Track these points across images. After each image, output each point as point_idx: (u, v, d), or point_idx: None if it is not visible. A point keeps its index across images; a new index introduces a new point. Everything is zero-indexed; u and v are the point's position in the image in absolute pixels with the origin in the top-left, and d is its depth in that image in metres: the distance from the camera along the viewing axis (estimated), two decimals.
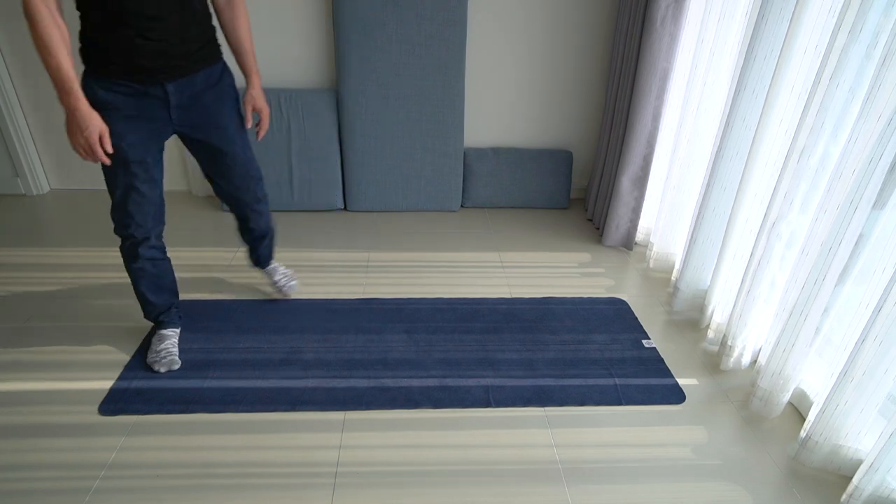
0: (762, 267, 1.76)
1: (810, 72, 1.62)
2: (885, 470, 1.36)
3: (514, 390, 1.82)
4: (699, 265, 2.16)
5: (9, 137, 2.89)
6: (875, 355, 1.36)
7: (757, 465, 1.60)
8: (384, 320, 2.14)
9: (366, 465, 1.56)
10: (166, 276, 1.85)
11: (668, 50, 2.29)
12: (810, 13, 1.56)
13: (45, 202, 3.00)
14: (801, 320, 1.59)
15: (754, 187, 1.84)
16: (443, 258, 2.60)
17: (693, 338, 2.13)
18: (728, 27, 1.98)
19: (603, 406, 1.78)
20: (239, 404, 1.73)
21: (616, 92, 2.65)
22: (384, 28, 2.67)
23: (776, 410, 1.73)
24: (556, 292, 2.36)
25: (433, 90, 2.81)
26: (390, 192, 3.00)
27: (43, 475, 1.50)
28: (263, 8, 2.71)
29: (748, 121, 1.85)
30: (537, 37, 2.86)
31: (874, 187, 1.36)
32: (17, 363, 1.88)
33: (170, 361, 1.86)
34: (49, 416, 1.68)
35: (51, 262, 2.44)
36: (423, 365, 1.92)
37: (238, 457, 1.57)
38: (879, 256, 1.43)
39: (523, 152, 3.05)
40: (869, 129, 1.38)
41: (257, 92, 1.78)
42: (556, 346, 2.03)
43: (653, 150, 2.50)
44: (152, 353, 1.87)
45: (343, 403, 1.75)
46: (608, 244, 2.76)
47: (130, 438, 1.62)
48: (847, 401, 1.45)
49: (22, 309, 2.14)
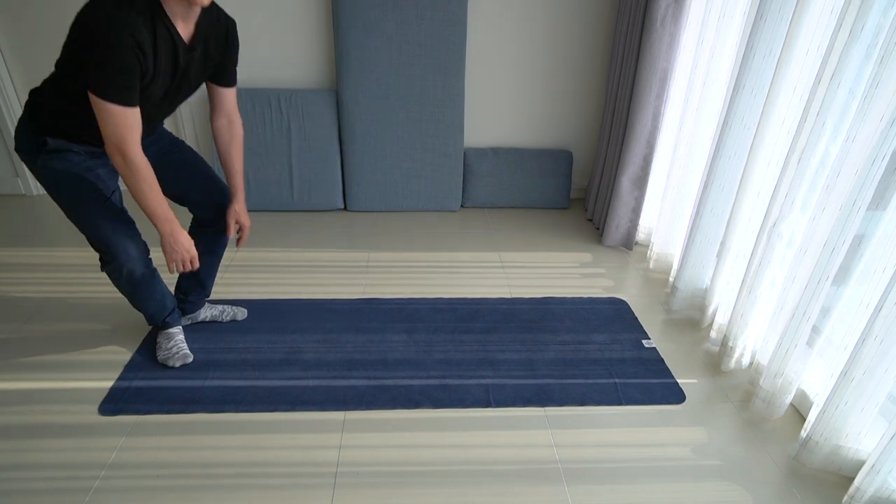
0: (763, 267, 1.76)
1: (810, 72, 1.62)
2: (887, 471, 1.36)
3: (514, 390, 1.82)
4: (697, 265, 2.16)
5: (9, 137, 2.89)
6: (875, 355, 1.36)
7: (757, 465, 1.60)
8: (384, 320, 2.14)
9: (366, 465, 1.56)
10: (160, 283, 1.86)
11: (668, 50, 2.29)
12: (810, 13, 1.56)
13: (45, 202, 2.99)
14: (801, 320, 1.59)
15: (754, 187, 1.84)
16: (443, 258, 2.60)
17: (693, 338, 2.13)
18: (728, 27, 1.98)
19: (603, 406, 1.78)
20: (239, 404, 1.73)
21: (616, 92, 2.65)
22: (384, 28, 2.67)
23: (778, 412, 1.73)
24: (556, 292, 2.36)
25: (433, 90, 2.81)
26: (390, 192, 3.00)
27: (43, 475, 1.50)
28: (264, 8, 2.71)
29: (747, 120, 1.85)
30: (537, 37, 2.86)
31: (874, 187, 1.36)
32: (17, 363, 1.88)
33: (183, 356, 1.88)
34: (49, 416, 1.68)
35: (51, 262, 2.44)
36: (423, 365, 1.92)
37: (238, 457, 1.57)
38: (879, 256, 1.43)
39: (523, 152, 3.05)
40: (869, 129, 1.38)
41: (241, 207, 1.84)
42: (556, 346, 2.03)
43: (653, 150, 2.50)
44: (164, 351, 1.88)
45: (343, 403, 1.75)
46: (608, 244, 2.76)
47: (130, 438, 1.62)
48: (847, 401, 1.45)
49: (22, 309, 2.14)
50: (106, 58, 1.35)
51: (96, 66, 1.36)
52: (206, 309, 2.08)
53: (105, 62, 1.36)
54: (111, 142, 1.44)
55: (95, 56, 1.35)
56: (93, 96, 1.39)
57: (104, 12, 1.35)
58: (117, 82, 1.38)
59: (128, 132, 1.44)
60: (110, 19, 1.34)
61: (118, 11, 1.35)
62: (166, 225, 1.58)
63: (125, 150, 1.45)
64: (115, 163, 1.47)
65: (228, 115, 1.78)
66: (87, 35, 1.36)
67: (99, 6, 1.36)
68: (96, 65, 1.36)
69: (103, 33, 1.34)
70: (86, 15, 1.36)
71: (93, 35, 1.35)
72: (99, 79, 1.37)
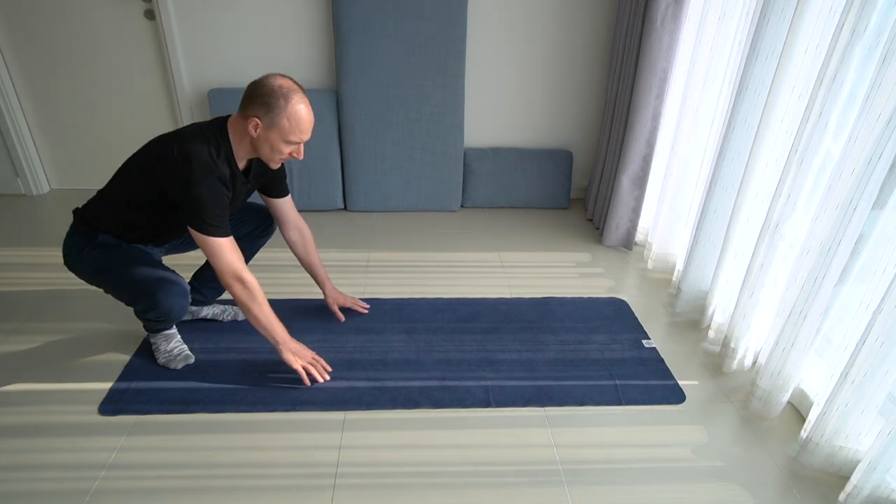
0: (765, 269, 1.75)
1: (812, 71, 1.62)
2: (884, 469, 1.36)
3: (514, 390, 1.82)
4: (701, 266, 2.16)
5: (9, 137, 2.89)
6: (875, 356, 1.36)
7: (757, 465, 1.60)
8: (384, 320, 2.14)
9: (366, 466, 1.56)
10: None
11: (668, 50, 2.29)
12: (811, 13, 1.56)
13: (45, 202, 3.00)
14: (801, 320, 1.59)
15: (755, 187, 1.84)
16: (443, 258, 2.60)
17: (693, 338, 2.13)
18: (728, 27, 1.98)
19: (603, 406, 1.78)
20: (239, 404, 1.73)
21: (616, 92, 2.65)
22: (384, 28, 2.67)
23: (775, 410, 1.73)
24: (556, 292, 2.36)
25: (433, 90, 2.80)
26: (390, 192, 3.00)
27: (43, 475, 1.50)
28: (264, 8, 2.71)
29: (750, 121, 1.84)
30: (537, 37, 2.86)
31: (874, 187, 1.35)
32: (17, 363, 1.88)
33: (185, 357, 1.88)
34: (49, 416, 1.68)
35: (51, 262, 2.44)
36: (423, 365, 1.92)
37: (238, 457, 1.57)
38: (879, 256, 1.43)
39: (523, 152, 3.05)
40: (869, 129, 1.38)
41: (335, 292, 2.12)
42: (556, 346, 2.03)
43: (653, 150, 2.50)
44: (164, 354, 1.87)
45: (343, 403, 1.75)
46: (608, 244, 2.76)
47: (130, 438, 1.62)
48: (847, 402, 1.45)
49: (22, 309, 2.14)
50: (208, 203, 1.54)
51: (200, 210, 1.54)
52: (209, 306, 2.09)
53: (207, 207, 1.54)
54: (227, 272, 1.60)
55: (197, 202, 1.53)
56: (200, 235, 1.56)
57: (198, 164, 1.52)
58: (219, 220, 1.57)
59: (237, 258, 1.62)
60: (206, 170, 1.53)
61: (211, 162, 1.55)
62: (286, 342, 1.76)
63: (241, 275, 1.61)
64: (234, 293, 1.62)
65: (296, 226, 1.96)
66: (185, 184, 1.52)
67: (192, 158, 1.52)
68: (199, 209, 1.54)
69: (201, 185, 1.53)
70: (180, 167, 1.52)
71: (190, 185, 1.52)
72: (204, 221, 1.55)
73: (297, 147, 1.62)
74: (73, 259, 1.72)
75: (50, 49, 2.77)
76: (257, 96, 1.53)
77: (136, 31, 2.76)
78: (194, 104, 2.91)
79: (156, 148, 1.59)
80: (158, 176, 1.57)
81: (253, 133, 1.57)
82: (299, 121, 1.56)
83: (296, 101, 1.55)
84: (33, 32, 2.73)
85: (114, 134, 2.99)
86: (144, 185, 1.61)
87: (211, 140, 1.57)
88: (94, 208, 1.70)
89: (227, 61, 2.82)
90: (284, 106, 1.53)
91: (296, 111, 1.54)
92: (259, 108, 1.54)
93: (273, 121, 1.54)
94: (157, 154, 1.58)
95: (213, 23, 2.73)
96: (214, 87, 2.85)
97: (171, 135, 1.60)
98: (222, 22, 2.73)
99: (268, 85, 1.53)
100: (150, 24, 2.75)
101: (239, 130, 1.60)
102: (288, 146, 1.60)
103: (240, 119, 1.59)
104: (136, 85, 2.88)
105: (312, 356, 1.83)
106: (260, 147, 1.60)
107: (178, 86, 2.84)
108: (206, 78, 2.85)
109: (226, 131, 1.61)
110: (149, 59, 2.82)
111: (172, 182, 1.54)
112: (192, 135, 1.57)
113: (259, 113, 1.54)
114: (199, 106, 2.92)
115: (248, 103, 1.56)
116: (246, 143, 1.62)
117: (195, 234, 1.56)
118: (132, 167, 1.63)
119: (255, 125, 1.55)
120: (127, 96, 2.90)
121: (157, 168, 1.56)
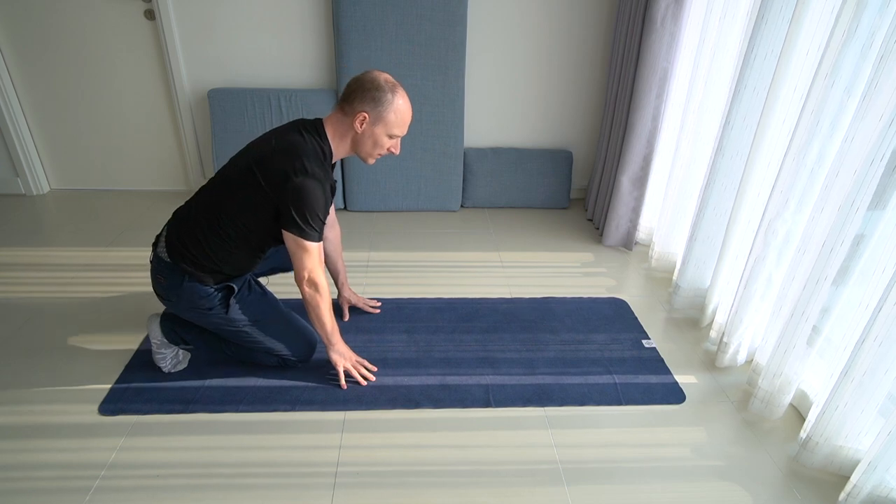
0: (758, 264, 1.76)
1: (811, 71, 1.62)
2: (884, 468, 1.36)
3: (514, 390, 1.82)
4: (700, 264, 2.16)
5: (9, 137, 2.89)
6: (875, 356, 1.36)
7: (757, 465, 1.60)
8: (384, 320, 2.14)
9: (366, 465, 1.56)
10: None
11: (668, 50, 2.29)
12: (811, 13, 1.56)
13: (45, 202, 3.00)
14: (800, 320, 1.59)
15: (755, 186, 1.84)
16: (443, 258, 2.60)
17: (693, 337, 2.13)
18: (728, 26, 1.98)
19: (603, 406, 1.78)
20: (239, 404, 1.73)
21: (616, 92, 2.65)
22: (384, 28, 2.67)
23: (777, 412, 1.73)
24: (556, 292, 2.36)
25: (433, 90, 2.81)
26: (390, 192, 3.00)
27: (43, 475, 1.50)
28: (264, 8, 2.71)
29: (748, 120, 1.85)
30: (537, 37, 2.86)
31: (874, 187, 1.35)
32: (17, 363, 1.88)
33: (185, 357, 1.89)
34: (49, 416, 1.68)
35: (51, 262, 2.44)
36: (423, 365, 1.92)
37: (238, 457, 1.57)
38: (879, 256, 1.43)
39: (523, 152, 3.05)
40: (868, 129, 1.38)
41: (350, 293, 2.15)
42: (557, 346, 2.03)
43: (653, 149, 2.50)
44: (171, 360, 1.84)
45: (343, 403, 1.75)
46: (608, 244, 2.76)
47: (130, 438, 1.62)
48: (847, 402, 1.45)
49: (21, 309, 2.14)
50: (319, 213, 1.56)
51: (309, 219, 1.55)
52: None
53: (317, 216, 1.56)
54: (306, 274, 1.61)
55: (309, 212, 1.54)
56: (297, 238, 1.56)
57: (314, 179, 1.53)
58: (319, 226, 1.59)
59: (320, 263, 1.63)
60: (320, 183, 1.55)
61: (322, 173, 1.56)
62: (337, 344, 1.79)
63: (317, 280, 1.63)
64: (305, 293, 1.64)
65: (331, 223, 1.97)
66: (297, 194, 1.52)
67: (305, 169, 1.53)
68: (309, 218, 1.55)
69: (317, 199, 1.54)
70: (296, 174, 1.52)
71: (303, 195, 1.52)
72: (307, 226, 1.56)
73: (396, 142, 1.63)
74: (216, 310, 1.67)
75: (50, 49, 2.77)
76: (365, 91, 1.54)
77: (135, 31, 2.76)
78: (194, 104, 2.91)
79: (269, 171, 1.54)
80: (281, 196, 1.54)
81: (358, 129, 1.57)
82: (404, 114, 1.58)
83: (400, 95, 1.57)
84: (33, 32, 2.73)
85: (114, 134, 2.99)
86: (262, 201, 1.56)
87: (317, 149, 1.57)
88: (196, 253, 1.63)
89: (227, 61, 2.82)
90: (392, 100, 1.55)
91: (401, 105, 1.57)
92: (368, 103, 1.54)
93: (380, 115, 1.55)
94: (275, 172, 1.53)
95: (213, 23, 2.73)
96: (214, 87, 2.85)
97: (284, 151, 1.55)
98: (222, 22, 2.73)
99: (375, 80, 1.54)
100: (150, 24, 2.75)
101: (340, 129, 1.60)
102: (390, 140, 1.61)
103: (342, 116, 1.58)
104: (135, 85, 2.88)
105: (356, 359, 1.85)
106: (362, 143, 1.60)
107: (178, 86, 2.84)
108: (206, 78, 2.85)
109: (325, 134, 1.60)
110: (149, 59, 2.82)
111: (292, 198, 1.52)
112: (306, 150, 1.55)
113: (367, 108, 1.54)
114: (199, 106, 2.92)
115: (353, 98, 1.55)
116: (346, 142, 1.61)
117: (293, 237, 1.57)
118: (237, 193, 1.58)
119: (363, 120, 1.55)
120: (127, 96, 2.91)
121: (280, 189, 1.53)
